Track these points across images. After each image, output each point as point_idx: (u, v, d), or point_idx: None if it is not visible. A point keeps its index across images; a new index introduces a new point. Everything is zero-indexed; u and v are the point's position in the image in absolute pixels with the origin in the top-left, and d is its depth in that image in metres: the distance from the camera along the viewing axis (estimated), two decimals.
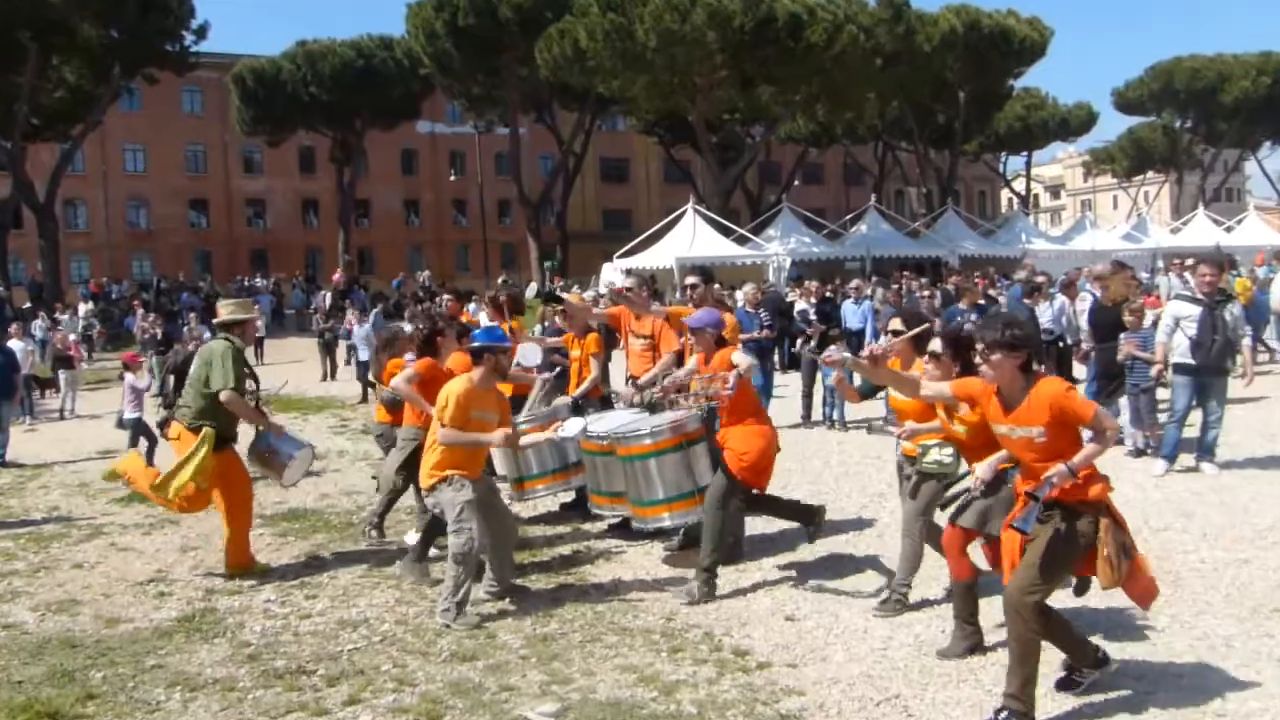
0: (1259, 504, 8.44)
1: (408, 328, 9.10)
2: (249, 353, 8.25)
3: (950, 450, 5.82)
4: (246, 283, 44.67)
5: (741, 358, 6.81)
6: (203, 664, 5.84)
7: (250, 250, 58.86)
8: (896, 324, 6.28)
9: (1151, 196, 73.05)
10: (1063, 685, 5.07)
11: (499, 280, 47.08)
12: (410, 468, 7.72)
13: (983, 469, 5.26)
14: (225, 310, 7.94)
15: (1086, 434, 4.82)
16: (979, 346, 4.94)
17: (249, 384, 7.63)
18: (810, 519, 7.14)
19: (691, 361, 7.33)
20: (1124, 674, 5.18)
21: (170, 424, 7.95)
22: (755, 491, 6.88)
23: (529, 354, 8.19)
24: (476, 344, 6.76)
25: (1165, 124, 63.82)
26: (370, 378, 13.32)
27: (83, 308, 34.07)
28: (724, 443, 6.79)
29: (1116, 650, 5.34)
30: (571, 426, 6.97)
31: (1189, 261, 16.25)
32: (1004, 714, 4.70)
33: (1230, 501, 8.58)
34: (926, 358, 5.72)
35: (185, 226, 58.31)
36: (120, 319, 34.94)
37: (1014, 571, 4.79)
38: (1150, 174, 70.45)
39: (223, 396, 7.38)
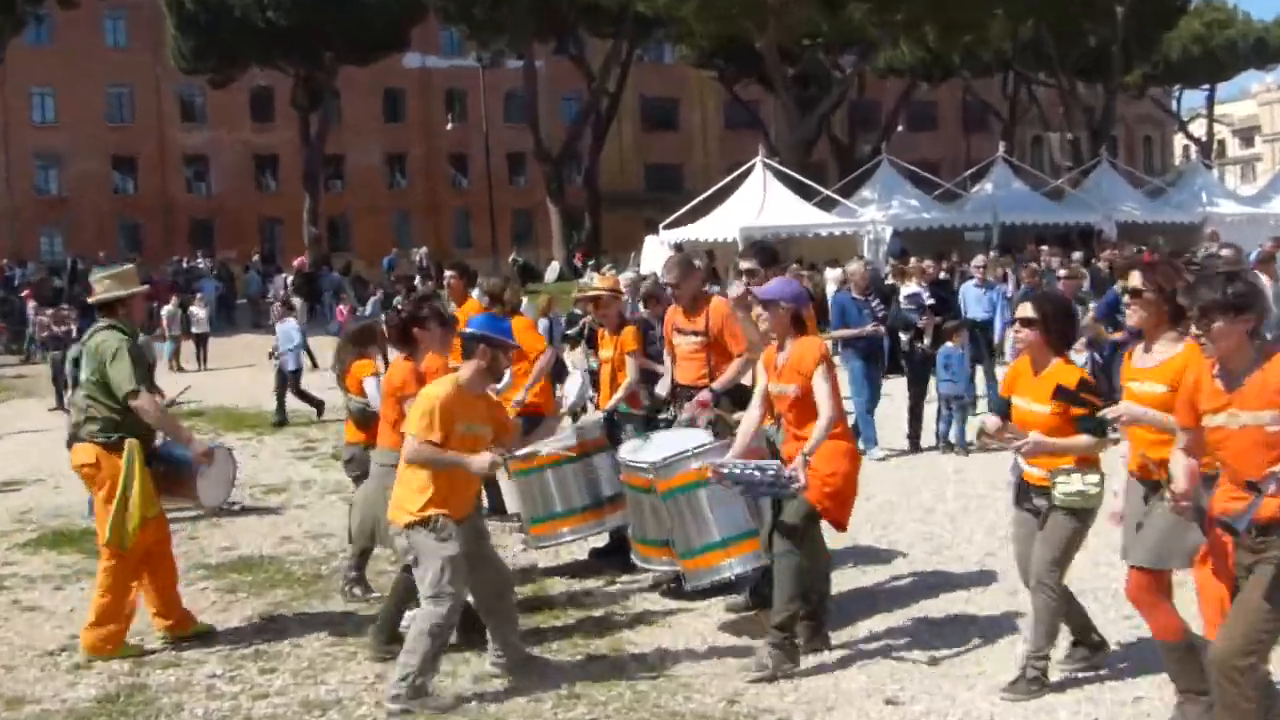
0: None
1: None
2: (186, 352, 8.32)
3: (1095, 478, 5.77)
4: (186, 263, 45.22)
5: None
6: None
7: (190, 222, 59.59)
8: (1027, 310, 6.22)
9: None
10: None
11: (509, 259, 47.83)
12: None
13: (1180, 477, 5.12)
14: (100, 286, 7.73)
15: None
16: (1192, 313, 4.90)
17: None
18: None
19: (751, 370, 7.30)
20: None
21: (75, 447, 7.57)
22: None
23: (571, 388, 8.23)
24: (470, 332, 6.76)
25: None
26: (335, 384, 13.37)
27: None
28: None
29: None
30: (571, 387, 7.03)
31: None
32: None
33: None
34: (1128, 297, 5.72)
35: (107, 192, 59.09)
36: (23, 311, 35.35)
37: (1223, 623, 4.72)
38: None
39: (133, 402, 7.26)
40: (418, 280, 30.01)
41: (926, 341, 13.74)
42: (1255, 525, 4.58)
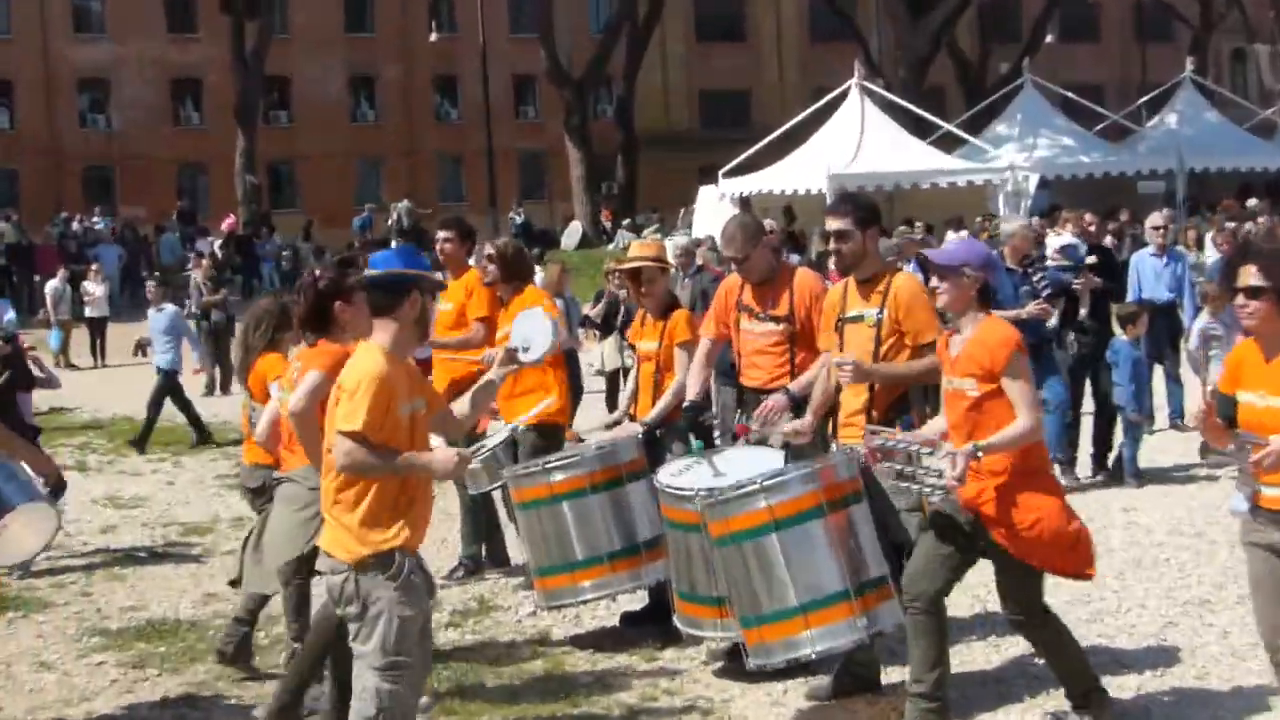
0: None
1: None
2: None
3: None
4: (79, 224, 45.45)
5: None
6: None
7: (85, 169, 59.87)
8: (1252, 275, 6.13)
9: None
10: None
11: (507, 216, 47.79)
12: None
13: None
14: None
15: None
16: None
17: None
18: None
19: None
20: None
21: None
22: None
23: (534, 328, 8.02)
24: (387, 274, 6.51)
25: None
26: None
27: None
28: (979, 504, 6.72)
29: None
30: (528, 329, 6.96)
31: None
32: None
33: None
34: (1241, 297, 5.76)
35: None
36: None
37: None
38: None
39: None
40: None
41: (1083, 313, 13.44)
42: None
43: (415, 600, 6.21)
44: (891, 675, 7.82)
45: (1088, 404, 13.60)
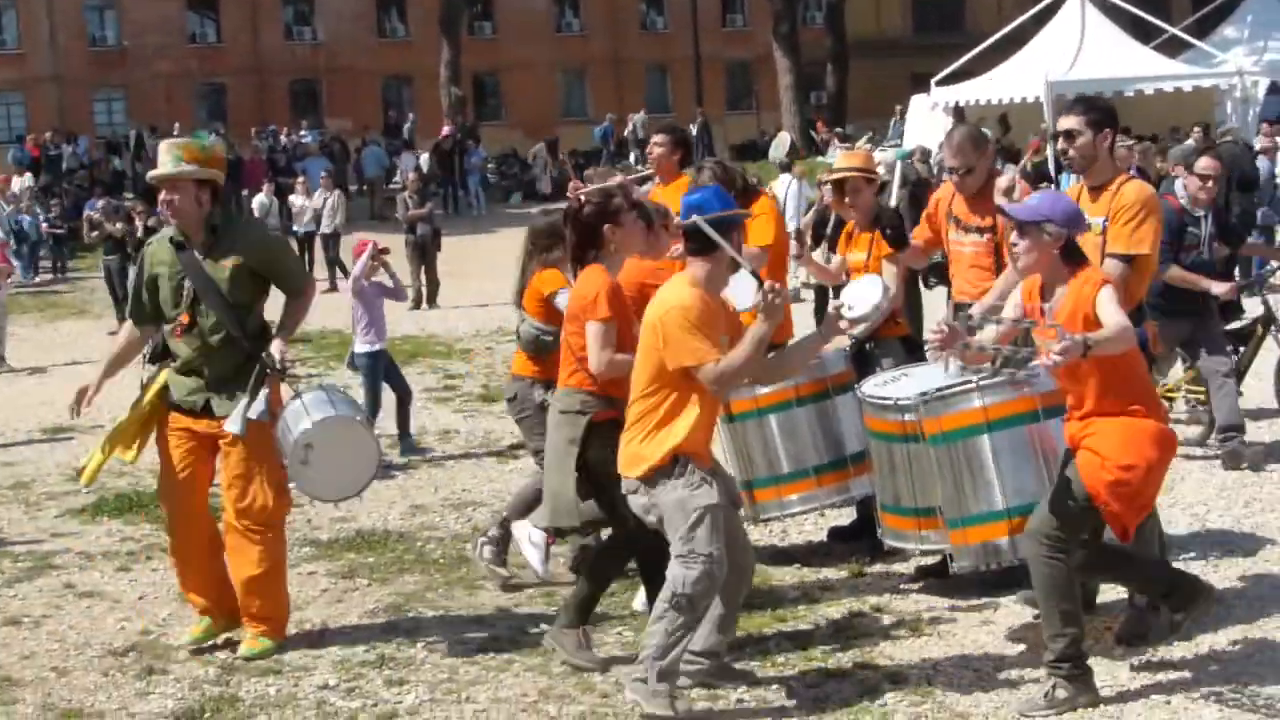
0: None
1: None
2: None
3: None
4: (286, 137, 46.13)
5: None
6: None
7: (291, 82, 60.80)
8: None
9: None
10: None
11: (695, 121, 47.43)
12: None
13: None
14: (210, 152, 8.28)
15: None
16: None
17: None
18: (1185, 600, 6.91)
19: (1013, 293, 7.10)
20: None
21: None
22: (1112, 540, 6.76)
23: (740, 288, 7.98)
24: (698, 216, 6.72)
25: None
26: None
27: (17, 182, 35.27)
28: (1080, 439, 6.63)
29: None
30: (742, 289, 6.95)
31: None
32: None
33: None
34: None
35: (180, 40, 60.33)
36: (77, 202, 36.29)
37: None
38: None
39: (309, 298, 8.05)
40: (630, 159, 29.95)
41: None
42: None
43: (708, 495, 6.54)
44: (1105, 595, 7.77)
45: None
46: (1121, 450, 6.48)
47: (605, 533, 7.84)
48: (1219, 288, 10.76)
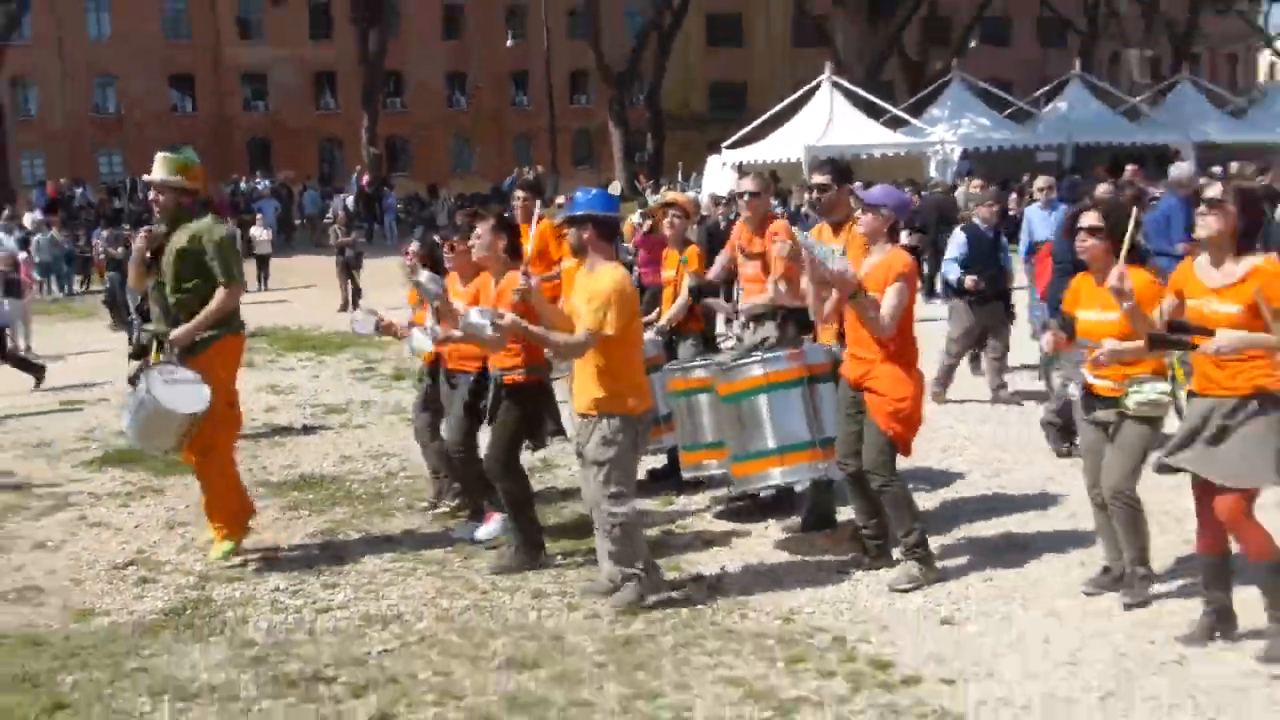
0: None
1: None
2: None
3: (1166, 386, 5.82)
4: (244, 184, 45.51)
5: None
6: (196, 668, 6.13)
7: (248, 141, 59.75)
8: (1091, 219, 6.23)
9: None
10: None
11: (523, 169, 47.35)
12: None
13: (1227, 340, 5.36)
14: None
15: None
16: None
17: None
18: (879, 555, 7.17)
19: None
20: None
21: None
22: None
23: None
24: (609, 213, 6.85)
25: None
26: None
27: (29, 218, 34.57)
28: (865, 384, 6.84)
29: None
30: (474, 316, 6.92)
31: None
32: None
33: None
34: (1203, 206, 5.61)
35: (165, 110, 58.94)
36: (87, 232, 35.45)
37: None
38: None
39: (230, 293, 7.76)
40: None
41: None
42: None
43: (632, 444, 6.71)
44: (844, 514, 7.94)
45: None
46: (895, 388, 6.73)
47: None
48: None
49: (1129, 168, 19.67)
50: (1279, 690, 5.41)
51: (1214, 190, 5.67)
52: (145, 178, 7.95)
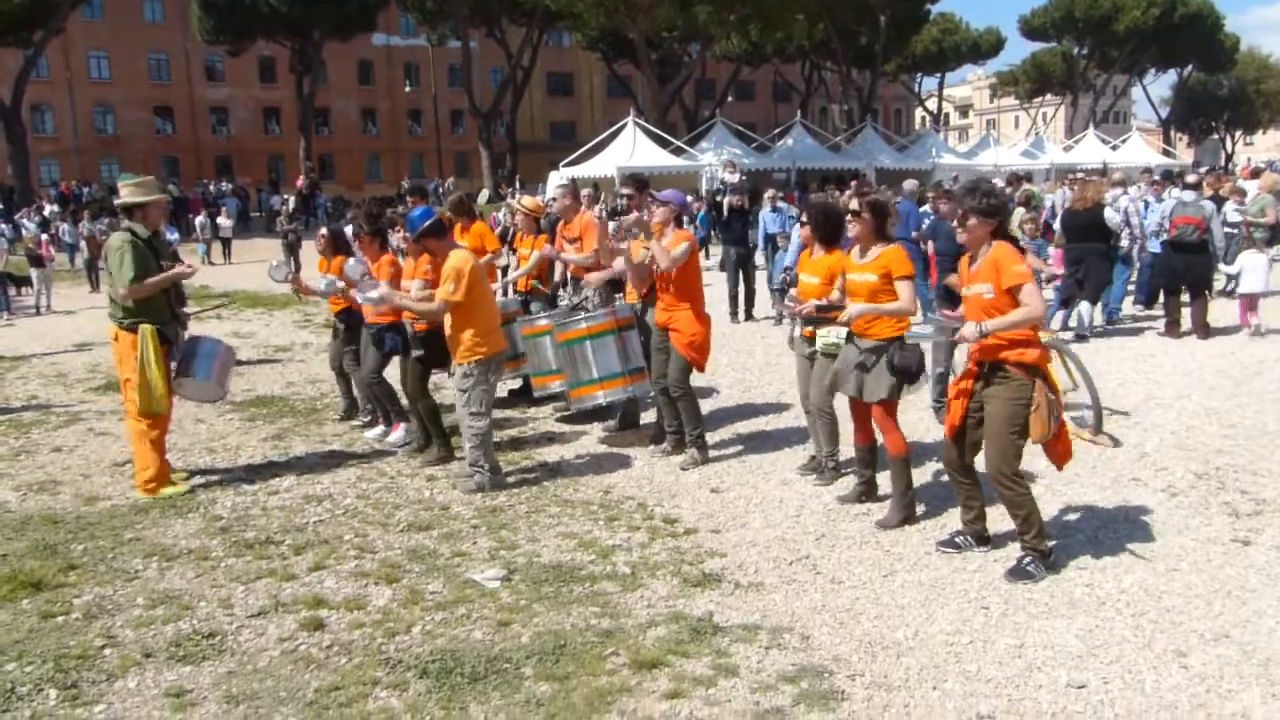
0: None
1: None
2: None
3: (843, 333, 5.87)
4: (212, 187, 43.38)
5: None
6: (177, 536, 5.81)
7: (215, 156, 57.10)
8: (854, 203, 6.15)
9: (1049, 117, 73.50)
10: (946, 544, 5.26)
11: (447, 182, 46.55)
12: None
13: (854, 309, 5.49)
14: (125, 191, 6.52)
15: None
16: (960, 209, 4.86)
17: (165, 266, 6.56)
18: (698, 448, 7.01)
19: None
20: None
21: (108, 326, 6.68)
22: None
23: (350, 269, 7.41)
24: (436, 221, 6.52)
25: (1065, 50, 63.99)
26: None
27: (47, 209, 32.74)
28: (669, 324, 6.79)
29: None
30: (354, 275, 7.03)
31: (1077, 175, 16.31)
32: (1026, 560, 4.90)
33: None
34: (849, 215, 5.66)
35: (151, 132, 56.15)
36: (92, 220, 33.42)
37: (987, 446, 4.86)
38: (1049, 96, 70.86)
39: (121, 293, 6.35)
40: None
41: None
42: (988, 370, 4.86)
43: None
44: (648, 417, 7.92)
45: None
46: (690, 326, 6.69)
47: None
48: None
49: (832, 185, 20.12)
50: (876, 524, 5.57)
51: (854, 204, 5.69)
52: (116, 202, 6.62)
